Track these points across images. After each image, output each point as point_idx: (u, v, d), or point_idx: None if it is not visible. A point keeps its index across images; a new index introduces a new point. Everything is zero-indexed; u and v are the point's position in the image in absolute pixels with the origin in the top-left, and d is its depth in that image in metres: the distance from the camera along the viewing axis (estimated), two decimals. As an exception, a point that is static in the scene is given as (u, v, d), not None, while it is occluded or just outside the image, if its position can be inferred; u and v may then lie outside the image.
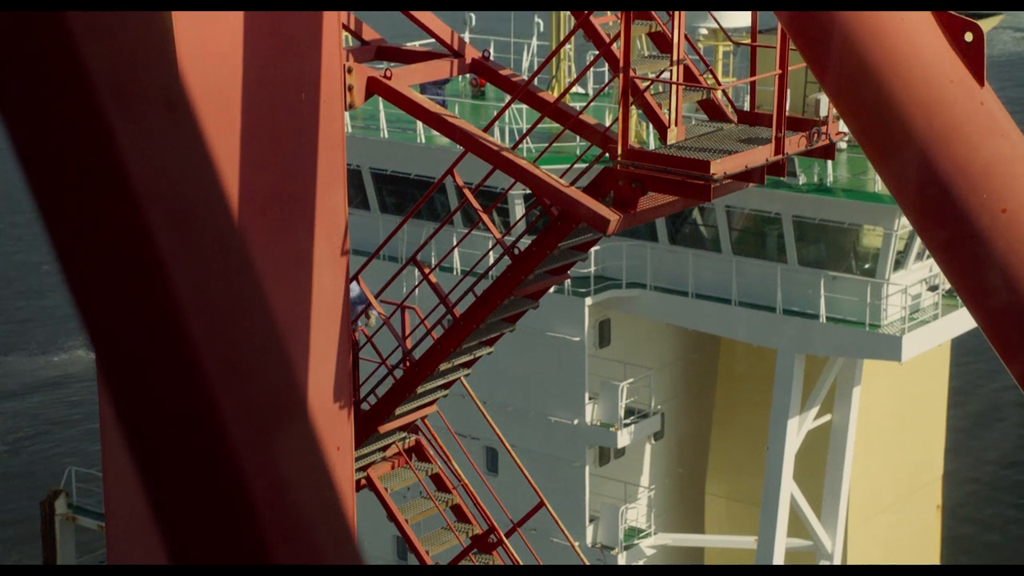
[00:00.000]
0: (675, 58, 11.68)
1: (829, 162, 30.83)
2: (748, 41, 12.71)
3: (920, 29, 7.46)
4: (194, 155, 2.03)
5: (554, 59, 33.14)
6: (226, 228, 2.06)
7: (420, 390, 14.30)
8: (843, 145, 31.43)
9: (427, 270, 14.24)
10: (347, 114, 32.98)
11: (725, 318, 32.43)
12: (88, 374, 50.76)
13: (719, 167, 11.37)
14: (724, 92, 12.90)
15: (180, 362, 1.98)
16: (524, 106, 24.24)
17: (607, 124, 12.87)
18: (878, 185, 30.58)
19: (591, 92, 33.38)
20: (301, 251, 10.77)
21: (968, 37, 7.39)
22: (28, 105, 1.96)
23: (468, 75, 13.86)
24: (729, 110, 12.68)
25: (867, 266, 31.65)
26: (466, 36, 35.21)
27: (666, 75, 12.05)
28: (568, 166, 13.60)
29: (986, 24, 32.97)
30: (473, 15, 36.12)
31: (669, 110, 11.80)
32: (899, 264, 31.71)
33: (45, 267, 58.22)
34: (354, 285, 14.19)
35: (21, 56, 1.94)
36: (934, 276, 32.08)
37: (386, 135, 33.78)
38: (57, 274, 2.04)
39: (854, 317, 31.47)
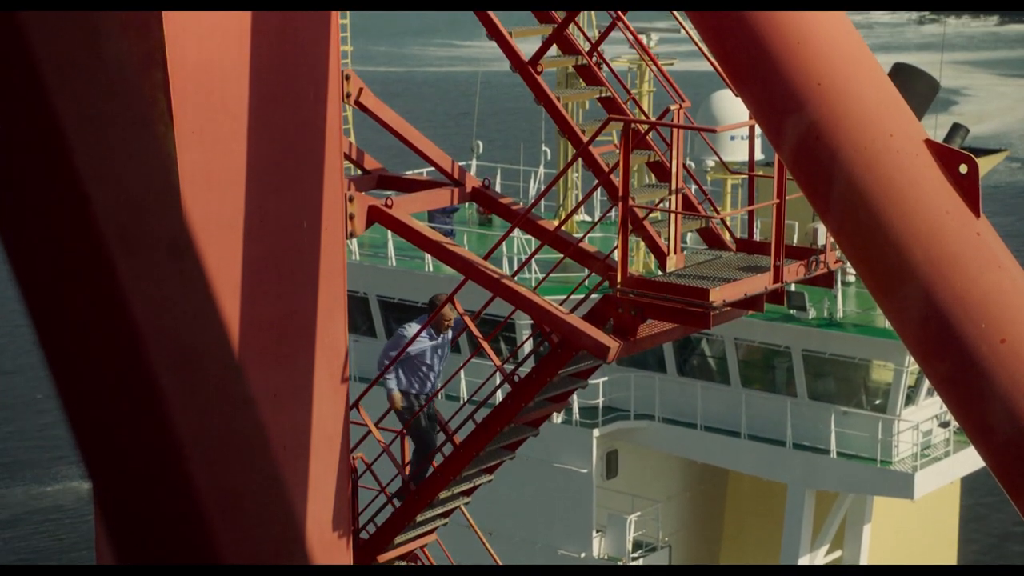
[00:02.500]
0: (673, 187, 11.78)
1: (839, 296, 30.88)
2: (747, 172, 12.84)
3: (916, 161, 7.49)
4: (197, 296, 2.03)
5: (561, 188, 33.45)
6: (227, 366, 2.06)
7: (420, 518, 14.15)
8: (851, 279, 31.50)
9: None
10: (355, 241, 33.27)
11: (734, 451, 32.17)
12: (83, 506, 50.40)
13: (718, 295, 11.39)
14: (723, 220, 12.98)
15: (180, 499, 1.96)
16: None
17: (609, 252, 12.91)
18: (887, 321, 30.53)
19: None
20: (301, 380, 10.76)
21: (963, 169, 7.42)
22: (35, 247, 1.95)
23: (475, 203, 13.97)
24: (728, 238, 12.75)
25: (878, 401, 31.47)
26: (473, 163, 35.58)
27: (665, 204, 12.14)
28: (568, 295, 13.63)
29: (989, 161, 33.28)
30: (480, 143, 36.54)
31: (668, 238, 11.86)
32: (910, 400, 31.52)
33: (39, 396, 58.06)
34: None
35: (30, 200, 1.94)
36: (945, 412, 31.86)
37: (394, 263, 33.94)
38: (55, 406, 2.02)
39: (865, 453, 31.21)
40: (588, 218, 34.47)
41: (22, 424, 58.84)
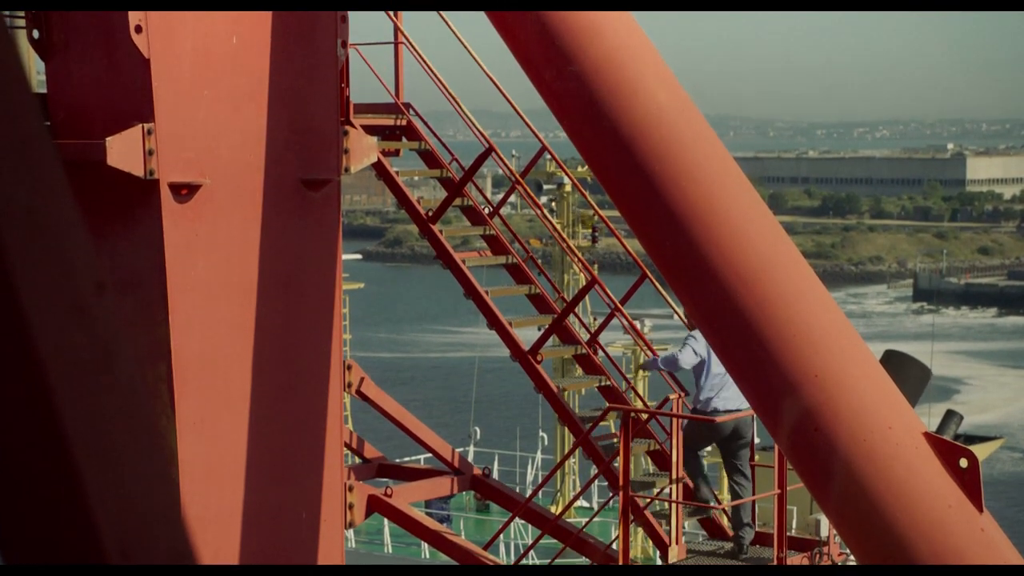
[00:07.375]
0: (673, 476, 11.74)
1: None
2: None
3: (915, 454, 7.49)
4: None
5: (558, 474, 33.25)
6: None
7: None
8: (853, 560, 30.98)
9: None
10: (351, 530, 32.77)
11: None
12: None
13: (721, 592, 11.20)
14: (724, 511, 12.88)
15: None
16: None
17: (610, 539, 12.77)
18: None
19: (596, 506, 33.25)
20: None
21: (963, 463, 7.40)
22: (36, 554, 1.95)
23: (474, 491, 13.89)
24: (729, 528, 12.62)
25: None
26: (471, 449, 35.48)
27: (665, 493, 12.06)
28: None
29: (985, 449, 33.19)
30: (478, 428, 36.56)
31: (670, 528, 11.75)
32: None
33: None
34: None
35: (31, 509, 1.94)
36: None
37: (390, 550, 33.45)
38: None
39: None
40: (585, 503, 34.14)
41: None
